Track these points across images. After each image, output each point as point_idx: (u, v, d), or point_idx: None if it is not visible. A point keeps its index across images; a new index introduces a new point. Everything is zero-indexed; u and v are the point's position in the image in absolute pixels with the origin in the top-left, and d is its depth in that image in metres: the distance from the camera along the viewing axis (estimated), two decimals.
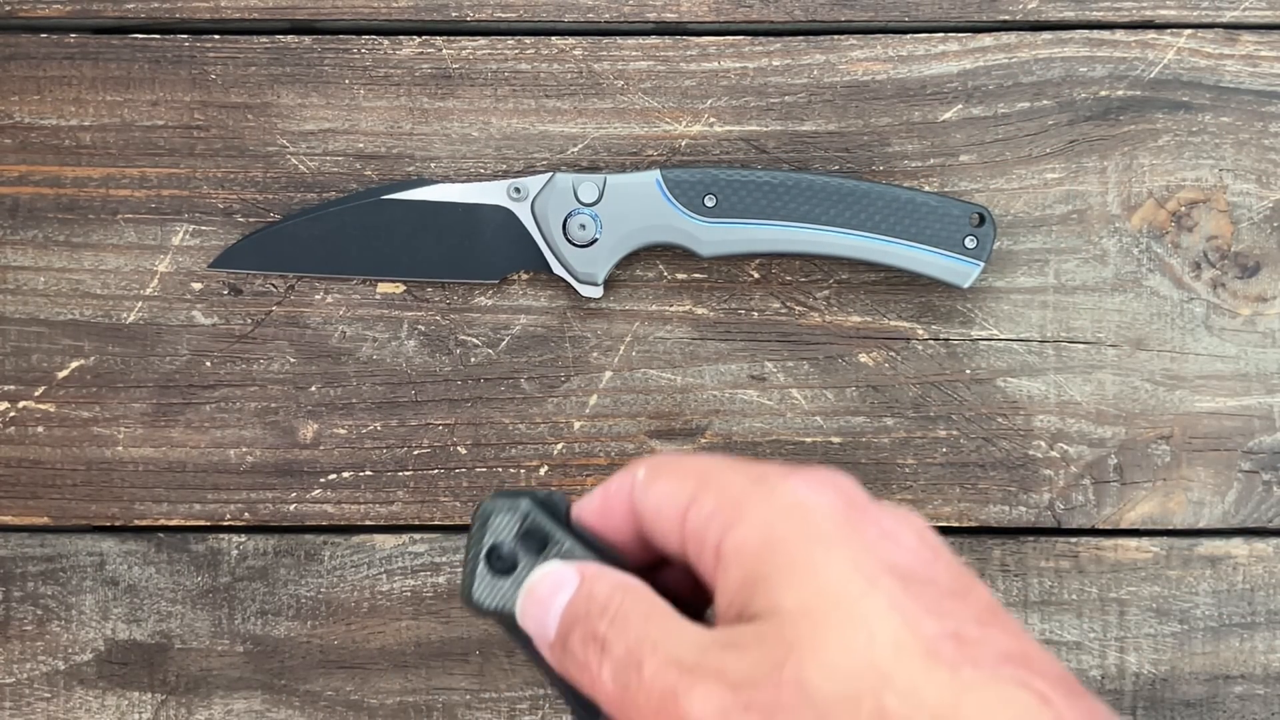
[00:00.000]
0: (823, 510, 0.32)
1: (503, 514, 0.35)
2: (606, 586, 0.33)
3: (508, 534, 0.35)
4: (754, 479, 0.33)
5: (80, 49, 0.47)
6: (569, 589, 0.34)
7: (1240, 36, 0.47)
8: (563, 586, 0.34)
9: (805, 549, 0.31)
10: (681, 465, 0.35)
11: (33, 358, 0.48)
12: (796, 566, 0.31)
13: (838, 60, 0.47)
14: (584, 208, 0.46)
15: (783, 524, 0.32)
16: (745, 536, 0.32)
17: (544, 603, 0.34)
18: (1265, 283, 0.47)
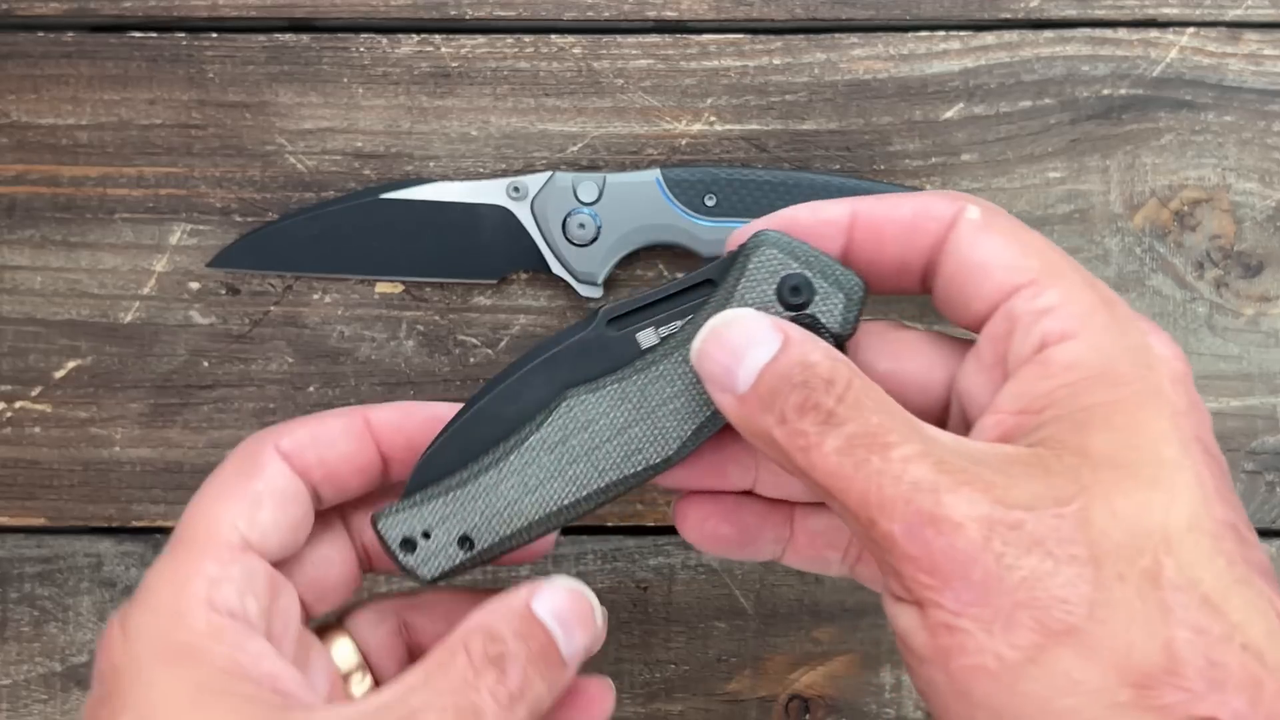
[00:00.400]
0: (1165, 364, 0.31)
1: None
2: (826, 360, 0.31)
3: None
4: (1105, 300, 0.32)
5: (77, 47, 0.47)
6: (768, 346, 0.31)
7: (1243, 35, 0.47)
8: (758, 342, 0.31)
9: (1136, 397, 0.30)
10: (1026, 235, 0.33)
11: (29, 358, 0.47)
12: (1120, 410, 0.30)
13: (839, 59, 0.47)
14: (584, 207, 0.46)
15: (1125, 363, 0.30)
16: (1081, 355, 0.30)
17: (736, 353, 0.31)
18: (1268, 282, 0.47)
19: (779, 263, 0.34)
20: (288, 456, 0.35)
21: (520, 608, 0.33)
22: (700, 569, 0.48)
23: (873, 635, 0.48)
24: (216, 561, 0.33)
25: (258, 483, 0.34)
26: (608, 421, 0.34)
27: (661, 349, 0.34)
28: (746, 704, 0.48)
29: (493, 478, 0.35)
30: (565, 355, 0.35)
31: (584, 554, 0.48)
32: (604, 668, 0.48)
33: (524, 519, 0.35)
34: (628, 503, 0.48)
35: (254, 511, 0.34)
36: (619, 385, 0.34)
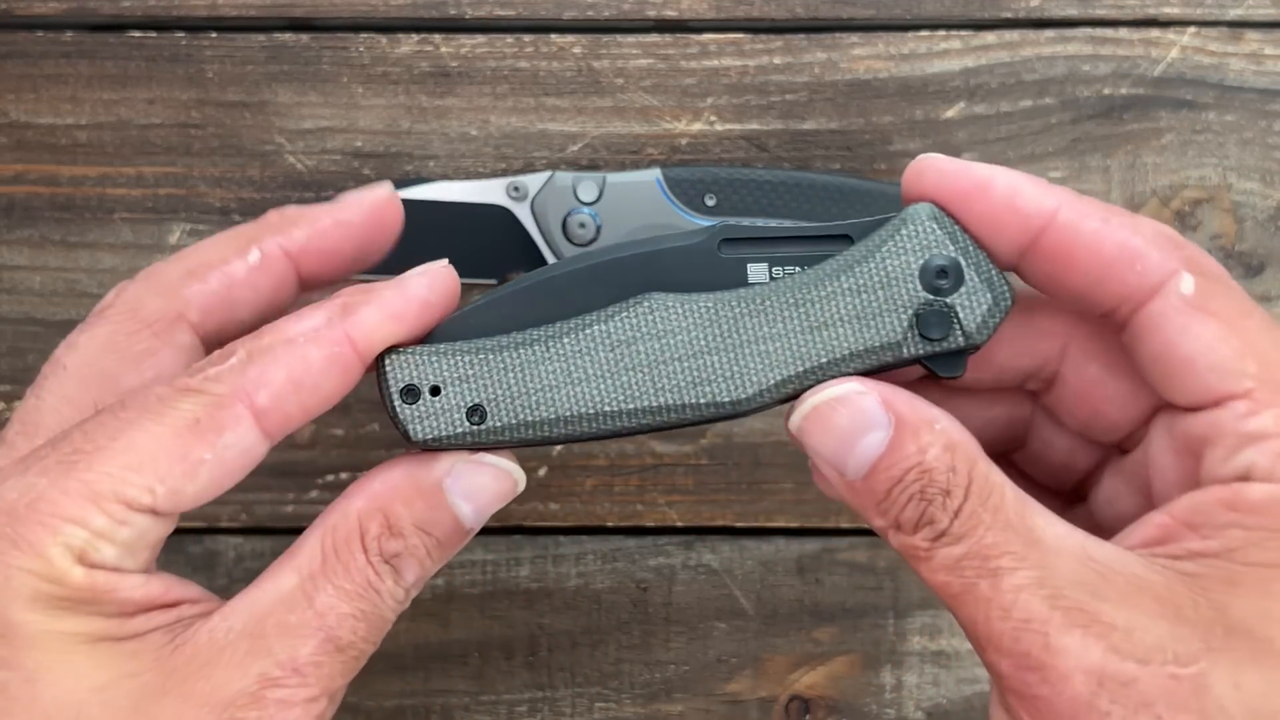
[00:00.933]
0: None
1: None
2: (943, 453, 0.28)
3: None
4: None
5: (76, 47, 0.47)
6: (880, 433, 0.29)
7: (1244, 34, 0.47)
8: (870, 426, 0.29)
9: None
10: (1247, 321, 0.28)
11: (29, 358, 0.47)
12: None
13: (839, 58, 0.47)
14: (583, 207, 0.46)
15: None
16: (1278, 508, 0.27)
17: (845, 440, 0.29)
18: (1270, 282, 0.47)
19: (934, 240, 0.30)
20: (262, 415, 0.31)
21: (428, 486, 0.31)
22: (700, 569, 0.48)
23: (873, 635, 0.48)
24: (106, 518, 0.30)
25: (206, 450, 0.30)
26: (687, 339, 0.31)
27: (771, 285, 0.31)
28: (746, 704, 0.48)
29: (535, 353, 0.31)
30: (663, 257, 0.31)
31: (584, 554, 0.48)
32: (604, 667, 0.48)
33: (553, 410, 0.31)
34: (628, 502, 0.48)
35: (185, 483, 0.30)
36: (713, 305, 0.31)
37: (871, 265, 0.30)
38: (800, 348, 0.31)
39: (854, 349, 0.30)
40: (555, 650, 0.48)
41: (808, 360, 0.30)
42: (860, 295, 0.30)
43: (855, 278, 0.30)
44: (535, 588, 0.48)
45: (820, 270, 0.31)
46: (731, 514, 0.48)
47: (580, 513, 0.48)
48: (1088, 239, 0.29)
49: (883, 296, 0.30)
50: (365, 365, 0.31)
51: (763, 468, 0.47)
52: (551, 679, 0.48)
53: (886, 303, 0.30)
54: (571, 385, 0.31)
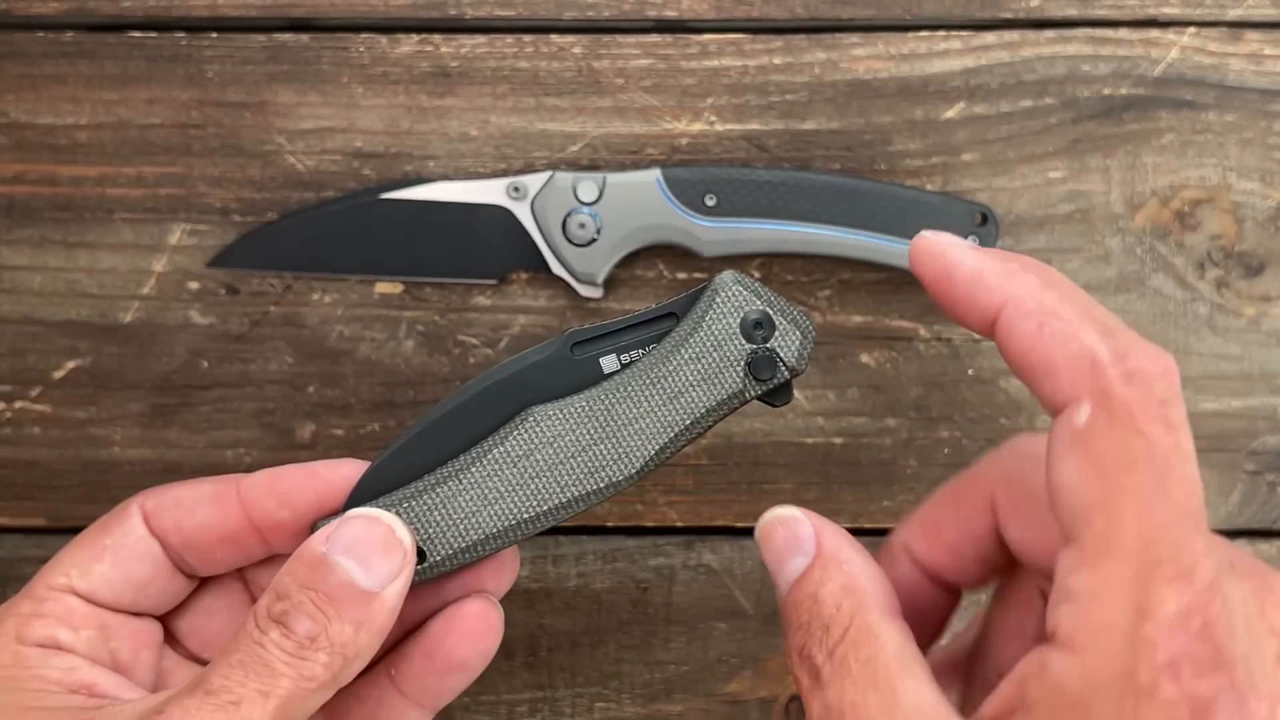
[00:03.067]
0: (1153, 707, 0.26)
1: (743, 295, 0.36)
2: (837, 590, 0.31)
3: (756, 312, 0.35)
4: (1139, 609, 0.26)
5: (76, 47, 0.47)
6: (803, 557, 0.32)
7: (1244, 35, 0.47)
8: (797, 549, 0.32)
9: None
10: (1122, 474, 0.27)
11: (28, 358, 0.47)
12: None
13: (839, 58, 0.47)
14: (584, 207, 0.46)
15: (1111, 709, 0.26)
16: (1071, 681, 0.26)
17: (779, 555, 0.32)
18: (1270, 282, 0.47)
19: (743, 300, 0.35)
20: (148, 517, 0.36)
21: (309, 553, 0.33)
22: (700, 569, 0.48)
23: None
24: (32, 600, 0.35)
25: (107, 538, 0.36)
26: (573, 438, 0.35)
27: (626, 373, 0.35)
28: (747, 704, 0.48)
29: (451, 488, 0.35)
30: (528, 374, 0.36)
31: (584, 554, 0.48)
32: (604, 668, 0.48)
33: (481, 531, 0.36)
34: (628, 503, 0.48)
35: (91, 563, 0.36)
36: (586, 403, 0.35)
37: (701, 334, 0.35)
38: (666, 417, 0.35)
39: (708, 405, 0.35)
40: (555, 650, 0.48)
41: (675, 426, 0.35)
42: (700, 361, 0.35)
43: (691, 348, 0.35)
44: (535, 588, 0.48)
45: (662, 349, 0.36)
46: (731, 514, 0.48)
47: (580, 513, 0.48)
48: (1019, 342, 0.29)
49: (717, 357, 0.35)
50: (246, 512, 0.36)
51: (762, 468, 0.47)
52: (551, 679, 0.48)
53: (722, 361, 0.35)
54: (490, 505, 0.36)
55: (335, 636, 0.32)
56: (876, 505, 0.48)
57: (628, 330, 0.36)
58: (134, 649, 0.36)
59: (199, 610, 0.38)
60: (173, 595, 0.37)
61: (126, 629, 0.36)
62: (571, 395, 0.36)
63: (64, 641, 0.34)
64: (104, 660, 0.35)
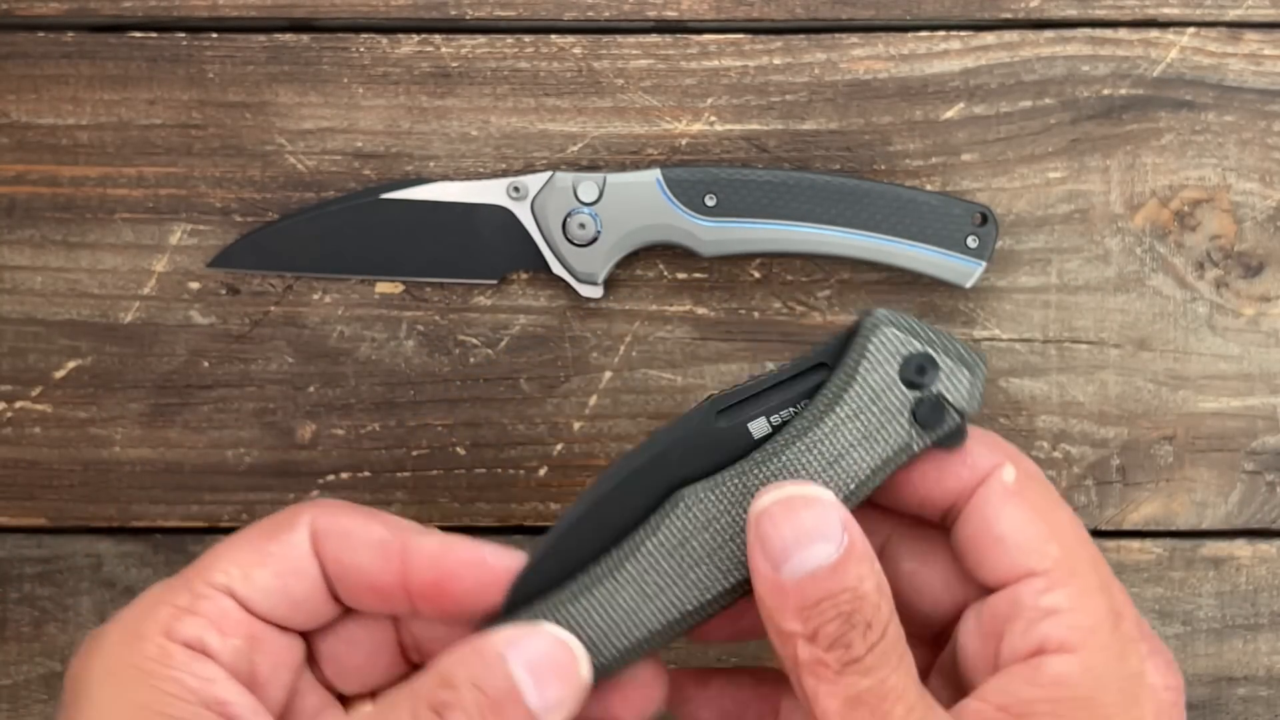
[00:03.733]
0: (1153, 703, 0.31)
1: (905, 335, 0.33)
2: (876, 589, 0.30)
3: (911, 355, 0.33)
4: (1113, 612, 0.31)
5: (77, 47, 0.47)
6: (830, 546, 0.30)
7: (1244, 35, 0.47)
8: (826, 537, 0.31)
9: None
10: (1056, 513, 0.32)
11: (29, 358, 0.47)
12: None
13: (839, 58, 0.47)
14: (584, 207, 0.46)
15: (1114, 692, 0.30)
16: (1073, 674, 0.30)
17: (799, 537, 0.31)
18: (1269, 282, 0.47)
19: (900, 342, 0.33)
20: (315, 536, 0.35)
21: (488, 650, 0.32)
22: None
23: None
24: (190, 594, 0.33)
25: (273, 544, 0.35)
26: (729, 519, 0.33)
27: (779, 438, 0.33)
28: None
29: (608, 588, 0.33)
30: (674, 452, 0.33)
31: None
32: None
33: (645, 629, 0.33)
34: None
35: (254, 567, 0.34)
36: (739, 479, 0.33)
37: (857, 387, 0.33)
38: (829, 484, 0.32)
39: (873, 465, 0.33)
40: None
41: (840, 491, 0.32)
42: (859, 418, 0.33)
43: (848, 404, 0.32)
44: None
45: (815, 408, 0.33)
46: None
47: None
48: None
49: (878, 410, 0.33)
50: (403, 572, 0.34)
51: None
52: None
53: (883, 414, 0.33)
54: (650, 601, 0.33)
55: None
56: None
57: (775, 389, 0.33)
58: (274, 666, 0.34)
59: (343, 637, 0.36)
60: (322, 617, 0.35)
61: (272, 644, 0.34)
62: (722, 471, 0.33)
63: (211, 647, 0.33)
64: (243, 673, 0.34)
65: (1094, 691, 0.30)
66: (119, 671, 0.32)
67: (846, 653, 0.30)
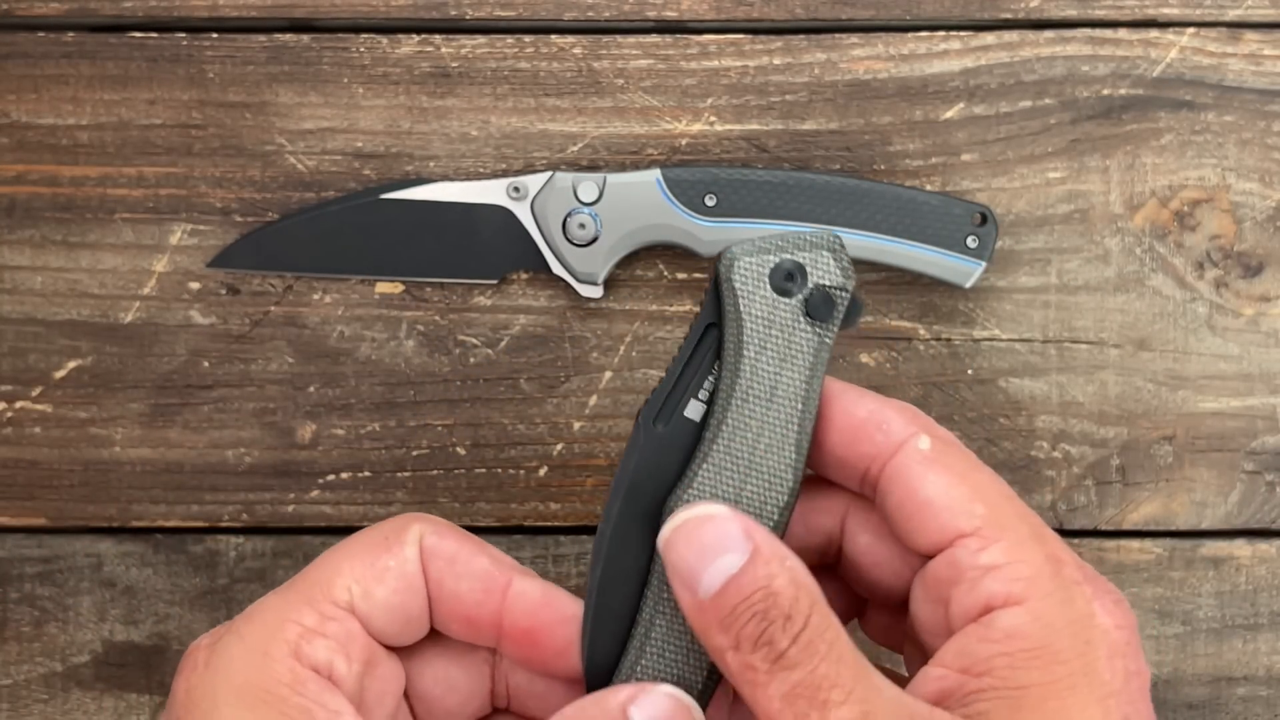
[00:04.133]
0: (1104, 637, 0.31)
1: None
2: (789, 584, 0.31)
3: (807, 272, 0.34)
4: (1051, 559, 0.32)
5: (77, 47, 0.47)
6: (737, 554, 0.31)
7: (1243, 35, 0.47)
8: (728, 548, 0.31)
9: (1071, 678, 0.30)
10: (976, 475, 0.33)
11: (29, 358, 0.47)
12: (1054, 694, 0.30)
13: (839, 59, 0.47)
14: (584, 207, 0.46)
15: (1066, 637, 0.31)
16: (1022, 625, 0.31)
17: (704, 555, 0.31)
18: (1269, 282, 0.47)
19: (758, 264, 0.34)
20: (424, 553, 0.34)
21: (614, 711, 0.32)
22: None
23: None
24: (317, 614, 0.33)
25: (390, 559, 0.34)
26: (721, 499, 0.34)
27: (717, 408, 0.34)
28: None
29: (663, 624, 0.34)
30: (640, 477, 0.34)
31: (584, 554, 0.48)
32: None
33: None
34: None
35: (374, 583, 0.33)
36: (708, 461, 0.34)
37: (748, 324, 0.34)
38: (780, 418, 0.34)
39: (804, 377, 0.34)
40: None
41: (793, 419, 0.34)
42: (767, 348, 0.34)
43: (752, 342, 0.34)
44: None
45: (728, 364, 0.34)
46: None
47: (581, 512, 0.48)
48: (844, 405, 0.34)
49: (778, 331, 0.34)
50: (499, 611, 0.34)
51: None
52: None
53: (784, 331, 0.34)
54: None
55: None
56: None
57: (686, 370, 0.35)
58: (380, 693, 0.34)
59: (440, 677, 0.36)
60: (419, 636, 0.35)
61: (383, 667, 0.34)
62: (690, 464, 0.34)
63: (338, 674, 0.32)
64: (356, 698, 0.33)
65: (1046, 639, 0.30)
66: (247, 693, 0.31)
67: (771, 650, 0.30)
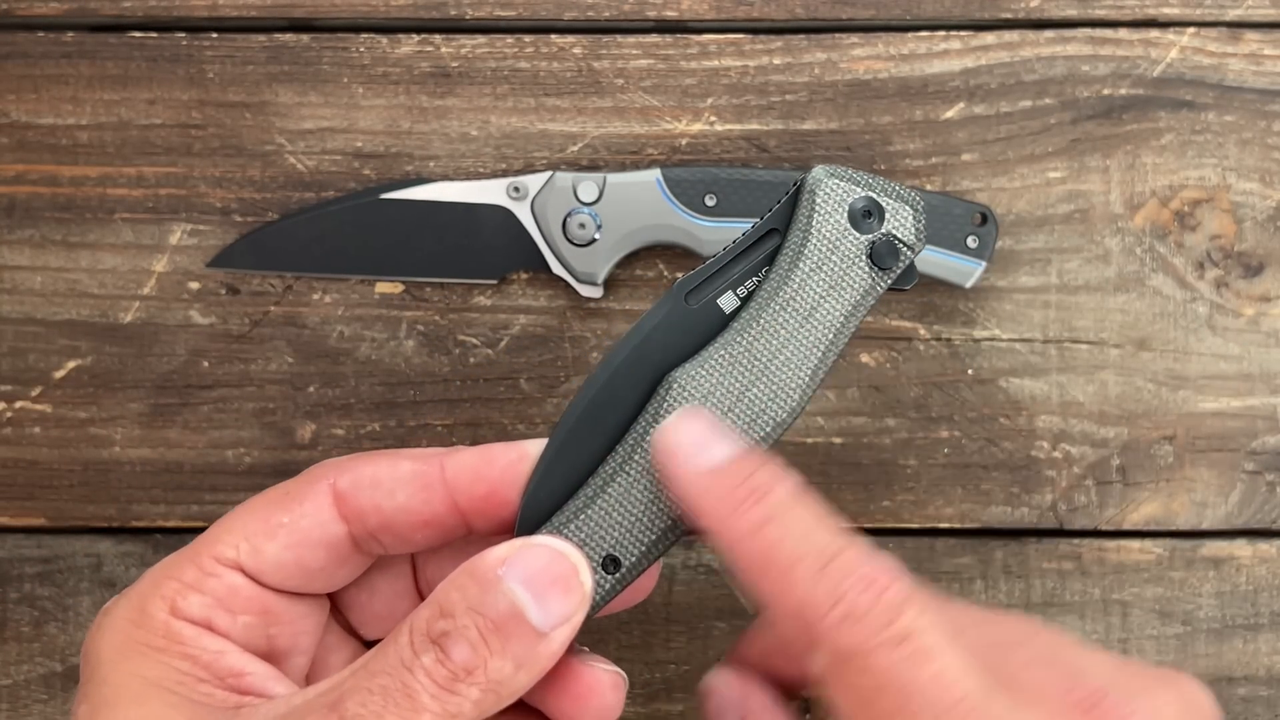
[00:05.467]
0: None
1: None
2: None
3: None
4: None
5: (77, 47, 0.47)
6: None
7: (1243, 35, 0.47)
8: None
9: None
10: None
11: (29, 358, 0.47)
12: None
13: (839, 58, 0.47)
14: (584, 207, 0.46)
15: None
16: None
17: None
18: (1269, 282, 0.47)
19: (844, 191, 0.34)
20: (340, 497, 0.33)
21: (483, 572, 0.31)
22: (700, 569, 0.48)
23: None
24: (197, 570, 0.33)
25: (284, 514, 0.33)
26: (724, 390, 0.33)
27: (752, 305, 0.33)
28: None
29: (621, 486, 0.33)
30: (652, 340, 0.33)
31: None
32: None
33: (666, 517, 0.33)
34: None
35: (263, 540, 0.33)
36: (725, 350, 0.33)
37: (814, 241, 0.33)
38: (809, 338, 0.33)
39: (845, 311, 0.34)
40: None
41: (821, 343, 0.33)
42: (822, 269, 0.33)
43: (809, 259, 0.33)
44: None
45: (778, 271, 0.34)
46: None
47: None
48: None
49: (837, 259, 0.33)
50: (449, 498, 0.33)
51: None
52: None
53: (843, 262, 0.33)
54: (663, 491, 0.33)
55: (493, 672, 0.30)
56: (876, 505, 0.48)
57: (735, 261, 0.34)
58: (293, 634, 0.34)
59: (364, 586, 0.35)
60: (345, 576, 0.34)
61: (289, 612, 0.33)
62: (705, 348, 0.33)
63: (219, 625, 0.32)
64: (259, 646, 0.33)
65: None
66: (127, 648, 0.32)
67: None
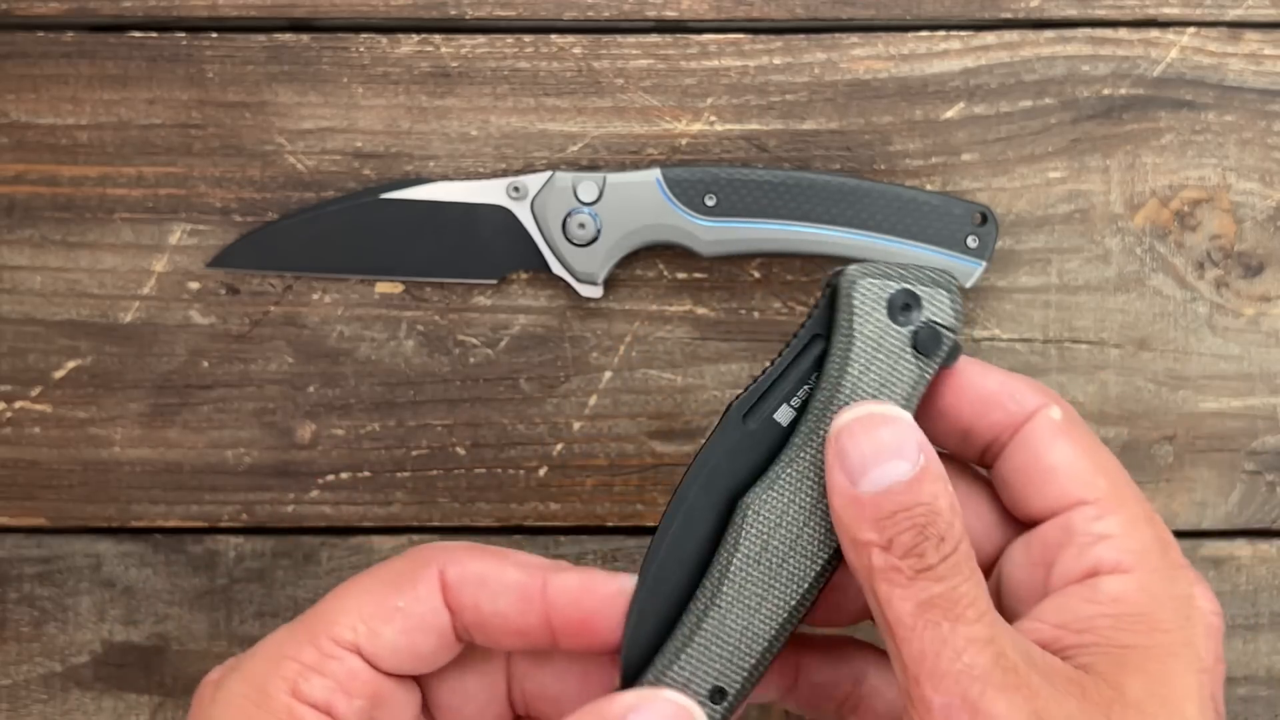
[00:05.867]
0: (1203, 624, 0.32)
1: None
2: (949, 508, 0.32)
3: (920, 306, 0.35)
4: (1160, 540, 0.33)
5: (77, 47, 0.47)
6: (906, 464, 0.32)
7: (1244, 35, 0.47)
8: (903, 455, 0.32)
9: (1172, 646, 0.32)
10: (1101, 452, 0.35)
11: (29, 358, 0.47)
12: (1155, 657, 0.31)
13: (839, 58, 0.47)
14: (584, 207, 0.46)
15: (1169, 609, 0.32)
16: (1130, 592, 0.32)
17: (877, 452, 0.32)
18: (1269, 282, 0.47)
19: (879, 287, 0.35)
20: (447, 587, 0.34)
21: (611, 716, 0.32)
22: None
23: (873, 638, 0.48)
24: (317, 652, 0.33)
25: (399, 598, 0.34)
26: (797, 509, 0.34)
27: (810, 417, 0.34)
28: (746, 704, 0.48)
29: (717, 618, 0.34)
30: (720, 468, 0.35)
31: (584, 554, 0.48)
32: None
33: (762, 640, 0.34)
34: (628, 502, 0.48)
35: (380, 624, 0.34)
36: (792, 468, 0.34)
37: (858, 343, 0.34)
38: None
39: (899, 405, 0.34)
40: None
41: None
42: (871, 369, 0.34)
43: (857, 361, 0.34)
44: None
45: (829, 377, 0.35)
46: None
47: (580, 512, 0.48)
48: (973, 377, 0.36)
49: (883, 356, 0.34)
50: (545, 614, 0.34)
51: None
52: None
53: (889, 358, 0.34)
54: (756, 613, 0.34)
55: None
56: None
57: (785, 375, 0.35)
58: (394, 719, 0.35)
59: (457, 689, 0.36)
60: (443, 660, 0.35)
61: (395, 697, 0.34)
62: (771, 467, 0.34)
63: (338, 710, 0.33)
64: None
65: (1150, 608, 0.32)
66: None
67: (920, 560, 0.31)
